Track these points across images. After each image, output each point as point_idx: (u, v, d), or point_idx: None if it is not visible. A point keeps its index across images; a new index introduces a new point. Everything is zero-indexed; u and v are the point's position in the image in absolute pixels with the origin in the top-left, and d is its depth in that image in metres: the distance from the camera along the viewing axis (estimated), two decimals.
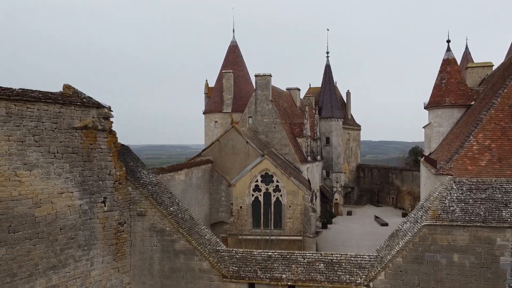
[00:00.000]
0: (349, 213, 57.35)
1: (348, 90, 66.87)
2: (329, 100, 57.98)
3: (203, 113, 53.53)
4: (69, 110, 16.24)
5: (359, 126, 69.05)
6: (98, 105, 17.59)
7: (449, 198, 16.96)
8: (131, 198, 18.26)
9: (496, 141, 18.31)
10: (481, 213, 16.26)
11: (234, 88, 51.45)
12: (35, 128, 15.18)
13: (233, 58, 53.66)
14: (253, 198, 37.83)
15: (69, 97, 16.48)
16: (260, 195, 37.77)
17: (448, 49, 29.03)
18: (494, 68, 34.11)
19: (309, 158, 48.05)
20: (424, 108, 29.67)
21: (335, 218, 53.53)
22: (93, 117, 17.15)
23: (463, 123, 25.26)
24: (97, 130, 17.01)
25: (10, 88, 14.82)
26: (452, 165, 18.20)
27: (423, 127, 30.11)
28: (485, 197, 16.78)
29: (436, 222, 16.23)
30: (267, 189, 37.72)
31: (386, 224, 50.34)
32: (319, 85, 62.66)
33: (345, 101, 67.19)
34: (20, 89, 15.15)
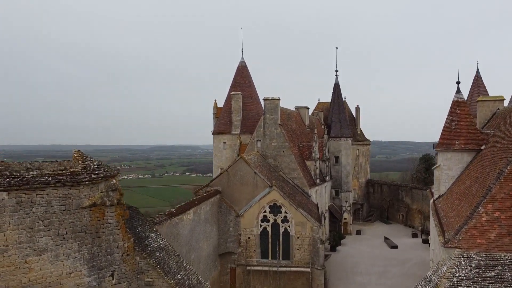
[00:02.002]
0: (358, 232, 57.18)
1: (357, 105, 66.60)
2: (338, 119, 57.74)
3: (212, 134, 53.70)
4: (78, 190, 16.43)
5: (369, 141, 68.64)
6: (107, 177, 17.74)
7: (457, 275, 16.82)
8: (139, 268, 18.45)
9: (505, 213, 18.03)
10: None
11: (242, 109, 51.53)
12: (45, 213, 15.42)
13: (242, 78, 53.62)
14: (261, 229, 37.91)
15: (78, 176, 16.65)
16: (268, 225, 37.82)
17: (458, 91, 28.59)
18: (505, 102, 33.58)
19: (317, 181, 47.99)
20: (434, 149, 29.35)
21: (344, 239, 53.42)
22: (101, 192, 17.32)
23: (473, 170, 24.97)
24: (105, 206, 17.18)
25: (20, 176, 15.04)
26: (460, 238, 18.02)
27: (433, 169, 29.83)
28: (494, 275, 16.59)
29: None
30: (275, 219, 37.75)
31: (395, 247, 50.14)
32: (329, 98, 62.27)
33: (354, 116, 66.82)
34: (31, 175, 15.38)
